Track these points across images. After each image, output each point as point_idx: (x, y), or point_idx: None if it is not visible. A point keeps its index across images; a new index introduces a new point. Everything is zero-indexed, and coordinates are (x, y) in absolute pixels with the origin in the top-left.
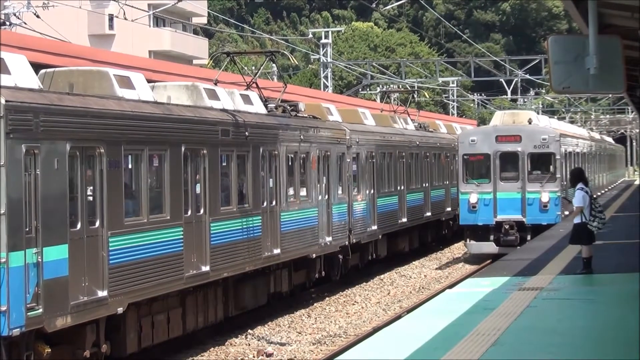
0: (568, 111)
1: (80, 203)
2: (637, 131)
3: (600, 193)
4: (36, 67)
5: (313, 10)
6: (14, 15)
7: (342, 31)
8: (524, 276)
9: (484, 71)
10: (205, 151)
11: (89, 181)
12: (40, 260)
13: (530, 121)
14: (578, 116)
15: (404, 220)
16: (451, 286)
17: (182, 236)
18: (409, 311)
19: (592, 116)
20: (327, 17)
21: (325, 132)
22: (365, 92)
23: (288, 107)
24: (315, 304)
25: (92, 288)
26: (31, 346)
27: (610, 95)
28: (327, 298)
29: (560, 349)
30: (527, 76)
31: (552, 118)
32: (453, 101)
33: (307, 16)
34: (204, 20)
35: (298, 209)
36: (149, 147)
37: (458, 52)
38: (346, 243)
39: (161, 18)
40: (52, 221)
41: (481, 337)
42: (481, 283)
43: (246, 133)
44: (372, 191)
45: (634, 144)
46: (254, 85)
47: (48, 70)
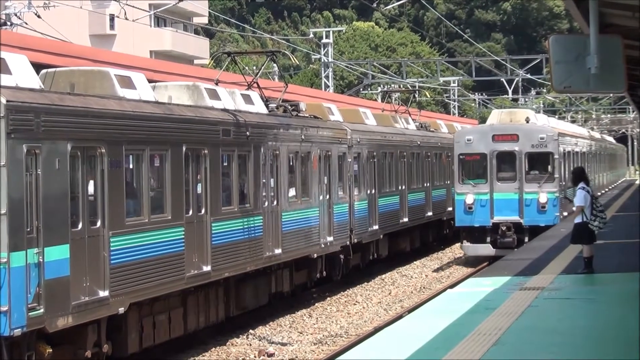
0: (569, 111)
1: (81, 203)
2: (638, 131)
3: (600, 193)
4: (37, 67)
5: (314, 10)
6: (15, 15)
7: (343, 31)
8: (525, 276)
9: (485, 71)
10: (206, 151)
11: (90, 181)
12: (41, 260)
13: (527, 120)
14: (579, 116)
15: (405, 220)
16: (452, 286)
17: (184, 236)
18: (410, 311)
19: (593, 115)
20: (328, 17)
21: (326, 132)
22: (366, 92)
23: (289, 107)
24: (316, 304)
25: (94, 288)
26: (32, 346)
27: (611, 94)
28: (329, 298)
29: (561, 349)
30: (528, 76)
31: (552, 117)
32: (454, 101)
33: (308, 16)
34: (205, 20)
35: (299, 209)
36: (150, 147)
37: (459, 52)
38: (347, 243)
39: (162, 18)
40: (54, 221)
41: (482, 337)
42: (482, 283)
43: (247, 133)
44: (374, 191)
45: (635, 144)
46: (255, 85)
47: (49, 70)
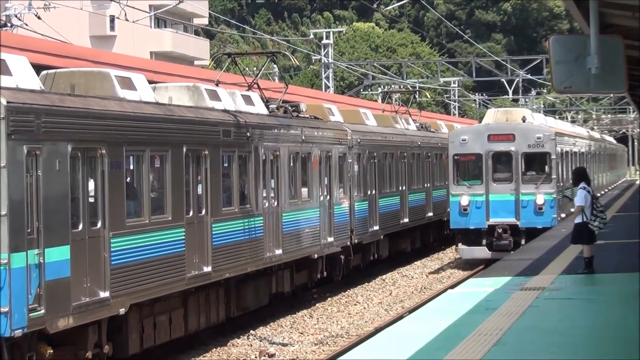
0: (569, 111)
1: (81, 204)
2: (639, 131)
3: (599, 194)
4: (37, 69)
5: (314, 10)
6: (16, 16)
7: (344, 32)
8: (526, 276)
9: (486, 71)
10: (206, 152)
11: (91, 182)
12: (42, 261)
13: (524, 119)
14: (579, 116)
15: (406, 220)
16: (453, 286)
17: (184, 237)
18: (411, 311)
19: (594, 116)
20: (329, 18)
21: (326, 133)
22: (366, 93)
23: (289, 108)
24: (317, 305)
25: (94, 289)
26: (33, 347)
27: (611, 94)
28: (329, 298)
29: (562, 349)
30: (529, 76)
31: (549, 117)
32: (454, 101)
33: (308, 17)
34: (205, 21)
35: (300, 210)
36: (151, 148)
37: (459, 52)
38: (348, 243)
39: (162, 19)
40: (54, 222)
41: (483, 337)
42: (483, 283)
43: (248, 134)
44: (374, 191)
45: (636, 144)
46: (255, 85)
47: (49, 71)
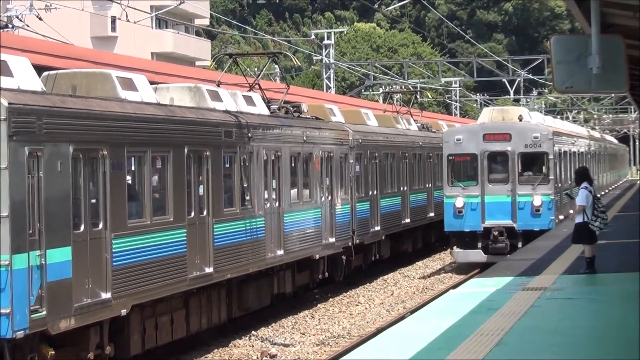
0: (570, 110)
1: (83, 205)
2: None
3: (599, 195)
4: (39, 70)
5: (315, 11)
6: (17, 17)
7: (345, 32)
8: (528, 276)
9: (487, 71)
10: (208, 152)
11: (92, 183)
12: (43, 262)
13: (520, 118)
14: (581, 116)
15: (407, 220)
16: (455, 286)
17: (186, 238)
18: (413, 312)
19: (595, 116)
20: (330, 18)
21: (328, 133)
22: (367, 93)
23: (291, 108)
24: (318, 305)
25: (96, 290)
26: (35, 348)
27: (612, 94)
28: (331, 299)
29: (563, 349)
30: (530, 76)
31: (547, 116)
32: (456, 101)
33: (310, 17)
34: (207, 21)
35: (301, 210)
36: (152, 149)
37: (460, 53)
38: (349, 244)
39: (163, 20)
40: (56, 223)
41: (485, 337)
42: (485, 283)
43: (249, 134)
44: (375, 192)
45: (637, 144)
46: (257, 86)
47: (51, 72)
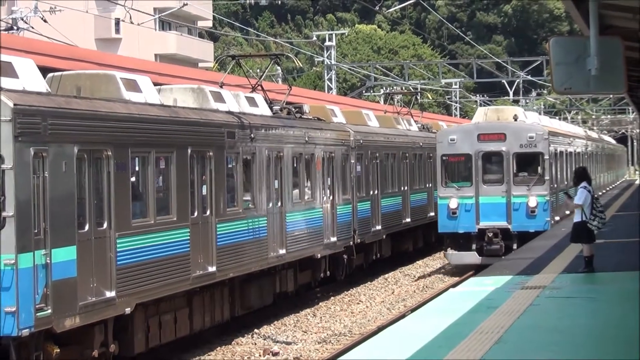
0: (569, 111)
1: (87, 205)
2: (638, 131)
3: (597, 195)
4: (44, 71)
5: (317, 13)
6: (22, 19)
7: (346, 34)
8: (527, 275)
9: (486, 72)
10: (211, 153)
11: (97, 183)
12: (48, 261)
13: (515, 118)
14: (580, 116)
15: (408, 220)
16: (454, 285)
17: (189, 237)
18: (413, 310)
19: (593, 116)
20: (331, 20)
21: (329, 134)
22: (368, 94)
23: (293, 109)
24: (320, 304)
25: (100, 289)
26: (40, 346)
27: (611, 95)
28: (332, 297)
29: (562, 348)
30: (529, 77)
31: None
32: (456, 102)
33: (311, 19)
34: (209, 23)
35: (303, 210)
36: (156, 150)
37: (460, 54)
38: (351, 243)
39: (167, 22)
40: (60, 223)
41: (484, 336)
42: (484, 282)
43: (251, 135)
44: (376, 192)
45: (635, 144)
46: (259, 87)
47: (56, 74)
